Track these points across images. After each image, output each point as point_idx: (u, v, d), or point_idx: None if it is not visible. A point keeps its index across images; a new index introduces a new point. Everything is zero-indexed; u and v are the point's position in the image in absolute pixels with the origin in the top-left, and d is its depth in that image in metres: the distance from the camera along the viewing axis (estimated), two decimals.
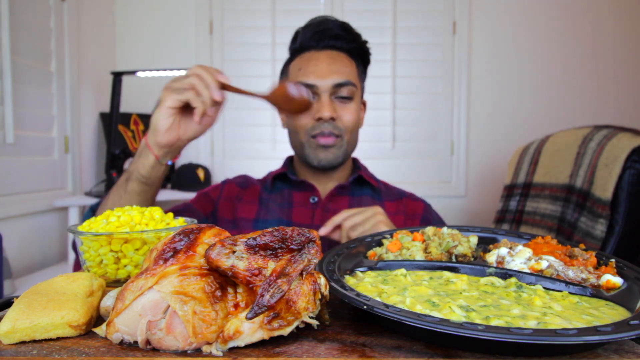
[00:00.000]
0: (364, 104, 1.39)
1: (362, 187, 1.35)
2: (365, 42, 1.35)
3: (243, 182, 1.38)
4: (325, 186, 1.34)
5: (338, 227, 1.06)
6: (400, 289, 0.56)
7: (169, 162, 1.01)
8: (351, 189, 1.34)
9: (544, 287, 0.58)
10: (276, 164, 1.44)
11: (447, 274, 0.63)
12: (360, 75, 1.33)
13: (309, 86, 1.21)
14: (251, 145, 2.75)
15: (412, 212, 1.31)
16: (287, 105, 1.06)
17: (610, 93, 2.71)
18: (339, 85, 1.23)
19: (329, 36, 1.28)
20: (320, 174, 1.33)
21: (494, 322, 0.46)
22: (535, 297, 0.53)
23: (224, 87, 1.01)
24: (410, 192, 1.40)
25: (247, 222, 1.29)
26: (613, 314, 0.50)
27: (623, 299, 0.54)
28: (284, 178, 1.35)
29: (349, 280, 0.61)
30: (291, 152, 1.39)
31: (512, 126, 2.73)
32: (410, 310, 0.48)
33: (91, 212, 1.16)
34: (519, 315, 0.48)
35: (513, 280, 0.59)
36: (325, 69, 1.23)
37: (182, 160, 2.72)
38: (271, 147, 2.70)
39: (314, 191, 1.31)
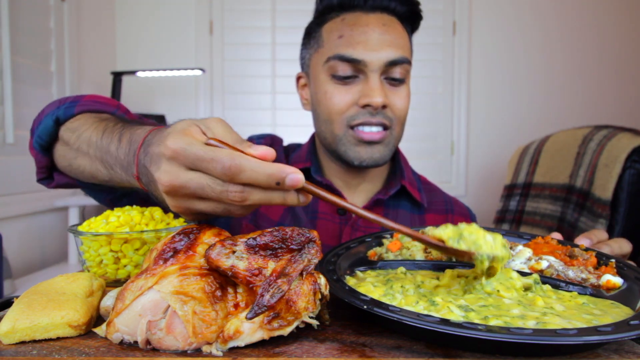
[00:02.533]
0: None
1: (399, 196, 1.10)
2: (418, 3, 1.05)
3: (276, 159, 1.11)
4: (355, 191, 1.10)
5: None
6: (400, 286, 0.56)
7: None
8: (387, 199, 1.09)
9: (554, 287, 0.58)
10: None
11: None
12: (412, 49, 1.07)
13: (354, 62, 0.95)
14: None
15: None
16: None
17: (610, 93, 2.72)
18: (392, 64, 0.96)
19: None
20: (351, 174, 1.07)
21: (493, 322, 0.46)
22: (537, 297, 0.53)
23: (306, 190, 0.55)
24: (457, 201, 1.18)
25: (269, 223, 1.05)
26: (618, 312, 0.50)
27: (623, 299, 0.54)
28: (307, 173, 1.07)
29: (350, 281, 0.61)
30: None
31: (512, 126, 2.73)
32: (410, 310, 0.48)
33: (54, 125, 0.81)
34: (518, 315, 0.48)
35: (534, 275, 0.58)
36: (377, 40, 0.95)
37: None
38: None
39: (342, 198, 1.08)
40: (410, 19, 1.04)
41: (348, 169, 1.06)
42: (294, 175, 0.51)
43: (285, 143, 1.21)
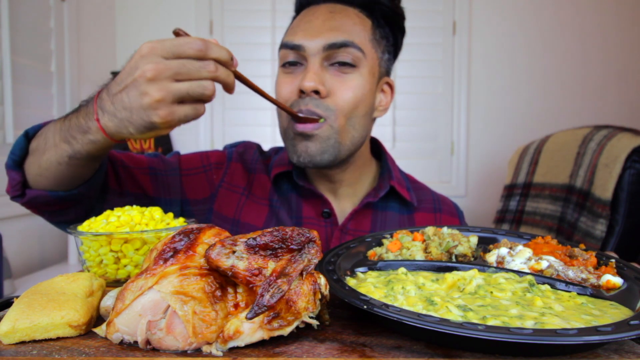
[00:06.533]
0: (390, 85, 1.06)
1: (387, 197, 1.07)
2: None
3: (251, 164, 1.10)
4: (337, 196, 1.07)
5: None
6: (400, 287, 0.56)
7: None
8: (376, 202, 1.05)
9: (552, 287, 0.58)
10: None
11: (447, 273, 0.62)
12: (379, 41, 0.99)
13: (295, 47, 0.94)
14: None
15: None
16: None
17: (610, 93, 2.72)
18: (333, 46, 0.91)
19: None
20: (326, 178, 1.03)
21: (491, 322, 0.46)
22: (536, 297, 0.53)
23: (237, 77, 0.74)
24: (445, 199, 1.16)
25: (253, 229, 0.98)
26: (617, 313, 0.50)
27: (623, 299, 0.54)
28: (289, 177, 1.07)
29: (350, 282, 0.61)
30: None
31: (512, 126, 2.73)
32: (411, 310, 0.48)
33: (25, 139, 0.82)
34: (517, 315, 0.48)
35: (529, 277, 0.58)
36: (318, 26, 0.93)
37: None
38: (271, 147, 2.70)
39: (325, 202, 1.04)
40: (383, 13, 1.00)
41: (319, 172, 1.03)
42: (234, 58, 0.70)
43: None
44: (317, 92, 0.90)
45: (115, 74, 2.46)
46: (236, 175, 1.07)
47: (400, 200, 1.08)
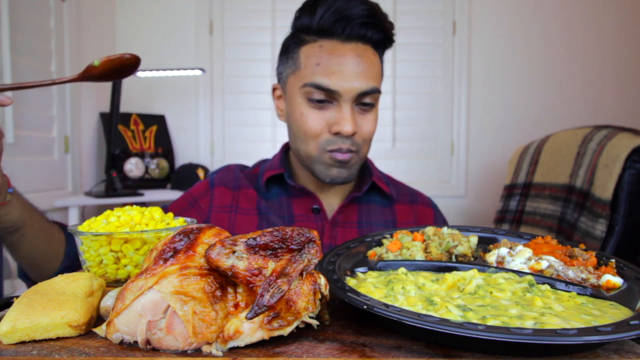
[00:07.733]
0: None
1: (370, 192, 1.18)
2: (392, 27, 1.10)
3: (234, 182, 1.17)
4: (327, 193, 1.16)
5: None
6: (401, 287, 0.56)
7: (10, 190, 0.84)
8: (360, 196, 1.16)
9: (552, 287, 0.58)
10: None
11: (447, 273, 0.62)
12: (382, 70, 1.12)
13: (329, 91, 1.00)
14: (251, 145, 2.75)
15: (423, 221, 1.19)
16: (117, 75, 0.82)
17: (610, 93, 2.72)
18: (364, 94, 1.01)
19: (357, 24, 1.02)
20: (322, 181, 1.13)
21: (491, 322, 0.46)
22: (536, 297, 0.53)
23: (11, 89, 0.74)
24: (419, 193, 1.26)
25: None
26: (616, 313, 0.50)
27: (623, 299, 0.54)
28: (280, 179, 1.15)
29: (350, 282, 0.61)
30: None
31: (512, 126, 2.73)
32: (411, 310, 0.48)
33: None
34: (516, 315, 0.48)
35: (529, 277, 0.58)
36: (351, 71, 1.00)
37: (182, 160, 2.73)
38: (271, 146, 2.70)
39: (315, 198, 1.12)
40: (384, 44, 1.10)
41: (312, 176, 1.12)
42: None
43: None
44: (353, 133, 1.02)
45: None
46: (221, 197, 1.14)
47: (381, 194, 1.19)
